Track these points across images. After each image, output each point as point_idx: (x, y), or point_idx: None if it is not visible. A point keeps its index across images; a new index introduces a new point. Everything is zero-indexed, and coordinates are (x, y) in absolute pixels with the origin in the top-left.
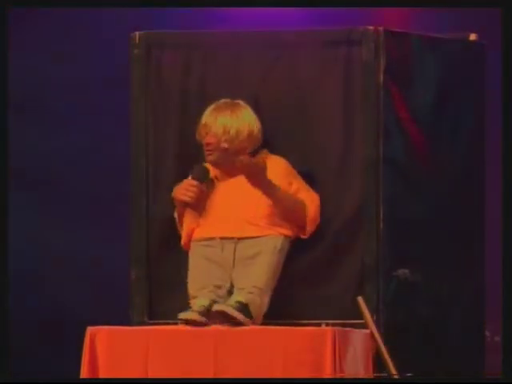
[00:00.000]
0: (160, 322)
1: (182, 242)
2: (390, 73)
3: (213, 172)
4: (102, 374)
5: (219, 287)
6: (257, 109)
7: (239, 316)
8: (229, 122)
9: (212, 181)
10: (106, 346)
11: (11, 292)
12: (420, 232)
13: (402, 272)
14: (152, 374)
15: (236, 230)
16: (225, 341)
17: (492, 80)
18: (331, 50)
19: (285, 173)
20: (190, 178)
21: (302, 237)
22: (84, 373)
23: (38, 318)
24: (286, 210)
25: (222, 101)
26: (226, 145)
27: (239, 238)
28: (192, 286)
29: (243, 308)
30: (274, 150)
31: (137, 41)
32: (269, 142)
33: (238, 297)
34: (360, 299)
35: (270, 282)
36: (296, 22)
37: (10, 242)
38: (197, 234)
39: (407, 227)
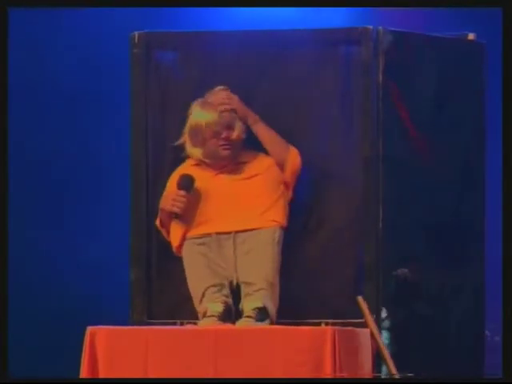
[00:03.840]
0: (159, 321)
1: (175, 245)
2: (390, 72)
3: (197, 173)
4: (102, 374)
5: (222, 286)
6: (256, 108)
7: (262, 324)
8: (236, 112)
9: (195, 187)
10: (106, 345)
11: (10, 292)
12: (420, 231)
13: (402, 272)
14: (152, 374)
15: (232, 224)
16: (225, 341)
17: (492, 79)
18: (330, 49)
19: (279, 174)
20: (176, 188)
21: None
22: (84, 372)
23: (38, 318)
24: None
25: (208, 93)
26: (243, 136)
27: (236, 232)
28: (196, 286)
29: (262, 313)
30: None
31: (136, 40)
32: None
33: (255, 302)
34: (360, 299)
35: (276, 275)
36: (296, 22)
37: (10, 241)
38: (190, 233)
39: (407, 227)
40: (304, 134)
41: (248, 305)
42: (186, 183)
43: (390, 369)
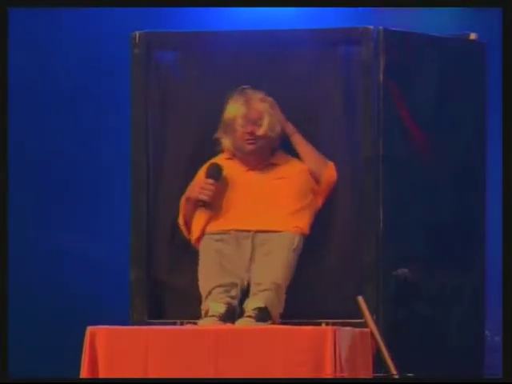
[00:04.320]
0: (159, 321)
1: (194, 238)
2: (390, 72)
3: (229, 167)
4: (102, 374)
5: (232, 285)
6: None
7: (262, 325)
8: (268, 111)
9: (224, 178)
10: (106, 345)
11: (10, 292)
12: (420, 231)
13: (402, 272)
14: (152, 374)
15: (253, 222)
16: (225, 341)
17: (492, 79)
18: (330, 49)
19: (309, 181)
20: (205, 177)
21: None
22: (84, 372)
23: (38, 318)
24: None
25: (249, 89)
26: (272, 134)
27: (256, 231)
28: (204, 284)
29: (263, 313)
30: None
31: (137, 40)
32: None
33: (257, 301)
34: (360, 299)
35: (286, 279)
36: (296, 22)
37: (10, 241)
38: (210, 228)
39: (407, 227)
40: (304, 134)
41: (250, 304)
42: (215, 172)
43: (390, 369)
